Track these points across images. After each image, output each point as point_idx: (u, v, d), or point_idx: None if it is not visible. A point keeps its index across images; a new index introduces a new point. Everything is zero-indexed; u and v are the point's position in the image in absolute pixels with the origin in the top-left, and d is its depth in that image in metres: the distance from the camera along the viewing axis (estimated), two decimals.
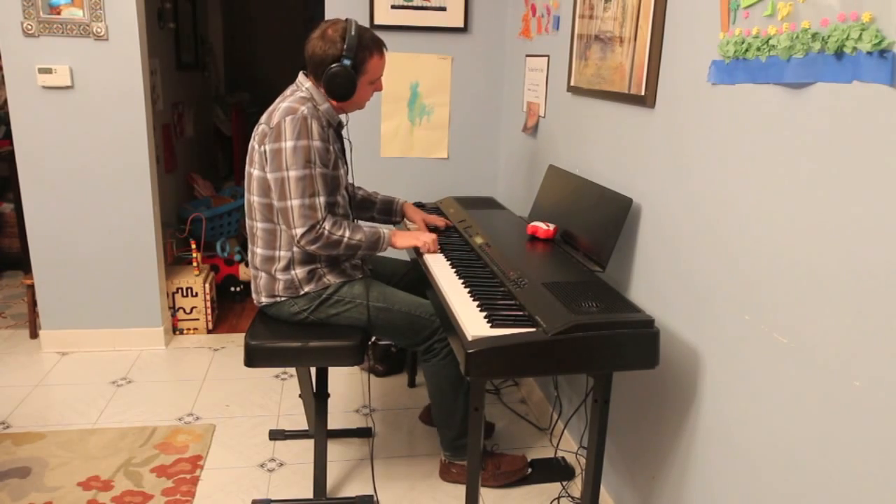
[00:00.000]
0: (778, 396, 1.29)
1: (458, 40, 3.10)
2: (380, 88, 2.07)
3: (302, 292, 2.02)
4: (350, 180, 2.15)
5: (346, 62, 1.90)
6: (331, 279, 2.03)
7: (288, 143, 1.86)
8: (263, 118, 1.96)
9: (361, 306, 2.03)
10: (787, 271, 1.25)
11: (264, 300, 2.06)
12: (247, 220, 2.05)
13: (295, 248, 1.98)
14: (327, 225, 1.92)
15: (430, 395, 2.16)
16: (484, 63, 3.16)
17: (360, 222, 2.13)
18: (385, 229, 2.06)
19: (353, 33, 1.90)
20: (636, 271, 1.87)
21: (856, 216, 1.09)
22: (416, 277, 2.23)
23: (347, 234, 1.95)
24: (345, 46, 1.89)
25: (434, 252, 2.10)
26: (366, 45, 1.93)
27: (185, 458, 2.34)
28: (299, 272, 2.00)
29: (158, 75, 3.70)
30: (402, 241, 2.10)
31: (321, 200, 1.91)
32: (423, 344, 2.06)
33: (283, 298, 2.03)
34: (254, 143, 1.96)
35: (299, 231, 1.90)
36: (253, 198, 1.98)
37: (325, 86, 1.94)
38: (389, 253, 2.43)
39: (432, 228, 2.35)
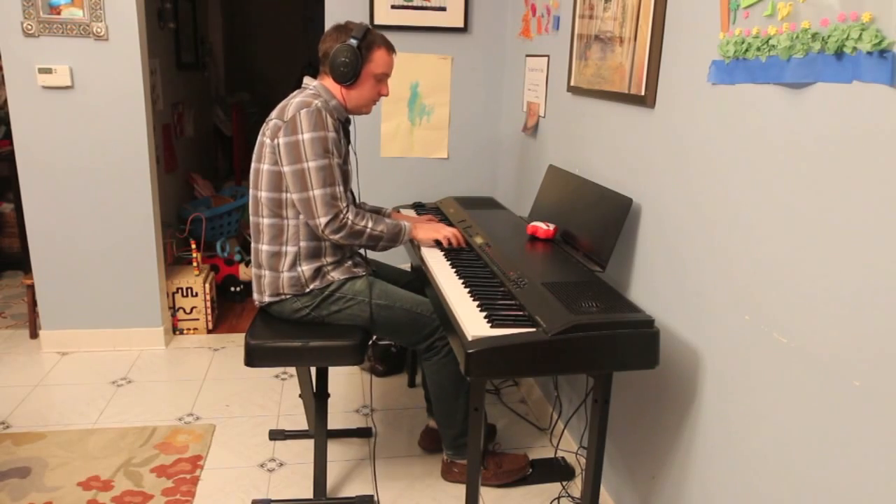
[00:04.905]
0: (778, 396, 1.29)
1: (458, 40, 3.10)
2: (385, 92, 2.09)
3: (307, 290, 2.02)
4: (355, 184, 2.17)
5: (353, 41, 1.96)
6: (335, 276, 2.04)
7: (305, 135, 1.89)
8: (274, 113, 1.98)
9: (363, 303, 2.03)
10: (787, 271, 1.25)
11: (268, 299, 2.06)
12: (251, 218, 2.05)
13: (301, 243, 1.99)
14: (350, 215, 1.94)
15: (431, 393, 2.16)
16: (484, 63, 3.16)
17: None
18: (406, 223, 2.09)
19: (363, 25, 2.00)
20: (636, 271, 1.87)
21: (856, 216, 1.09)
22: (417, 287, 2.23)
23: (370, 224, 1.98)
24: (354, 34, 1.98)
25: (461, 243, 2.12)
26: (375, 38, 2.01)
27: (185, 458, 2.34)
28: (305, 269, 2.01)
29: (158, 75, 3.70)
30: (425, 233, 2.12)
31: (341, 190, 1.94)
32: (424, 342, 2.06)
33: (287, 296, 2.04)
34: (264, 138, 1.97)
35: (323, 220, 1.91)
36: (260, 193, 1.99)
37: (330, 65, 1.99)
38: (393, 260, 2.43)
39: None
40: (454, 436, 2.16)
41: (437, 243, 2.14)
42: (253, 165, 2.01)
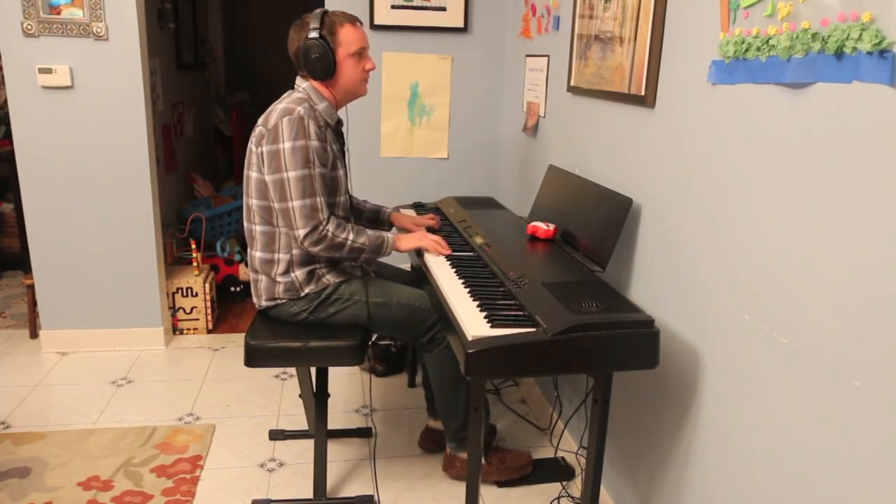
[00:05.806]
0: (778, 396, 1.29)
1: (458, 40, 3.10)
2: (371, 66, 2.03)
3: (303, 294, 2.02)
4: (349, 184, 2.15)
5: (314, 34, 1.91)
6: (330, 279, 2.03)
7: (286, 144, 1.86)
8: (261, 120, 1.96)
9: (360, 303, 2.02)
10: (787, 271, 1.25)
11: (265, 303, 2.06)
12: (245, 224, 2.05)
13: (294, 250, 1.98)
14: (331, 227, 1.91)
15: (433, 386, 2.15)
16: (484, 63, 3.16)
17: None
18: (389, 234, 2.06)
19: (319, 12, 1.93)
20: (636, 271, 1.87)
21: (855, 216, 1.09)
22: (418, 287, 2.22)
23: (351, 236, 1.95)
24: (313, 25, 1.92)
25: (446, 251, 2.08)
26: (334, 19, 1.95)
27: (185, 458, 2.34)
28: (299, 274, 2.00)
29: (158, 75, 3.70)
30: (407, 243, 2.09)
31: (322, 200, 1.91)
32: (425, 336, 2.05)
33: (283, 300, 2.03)
34: (251, 145, 1.95)
35: (302, 232, 1.89)
36: (251, 201, 1.98)
37: (304, 66, 1.95)
38: (394, 260, 2.42)
39: (427, 229, 2.35)
40: (457, 428, 2.16)
41: (419, 252, 2.11)
42: (244, 172, 2.00)
